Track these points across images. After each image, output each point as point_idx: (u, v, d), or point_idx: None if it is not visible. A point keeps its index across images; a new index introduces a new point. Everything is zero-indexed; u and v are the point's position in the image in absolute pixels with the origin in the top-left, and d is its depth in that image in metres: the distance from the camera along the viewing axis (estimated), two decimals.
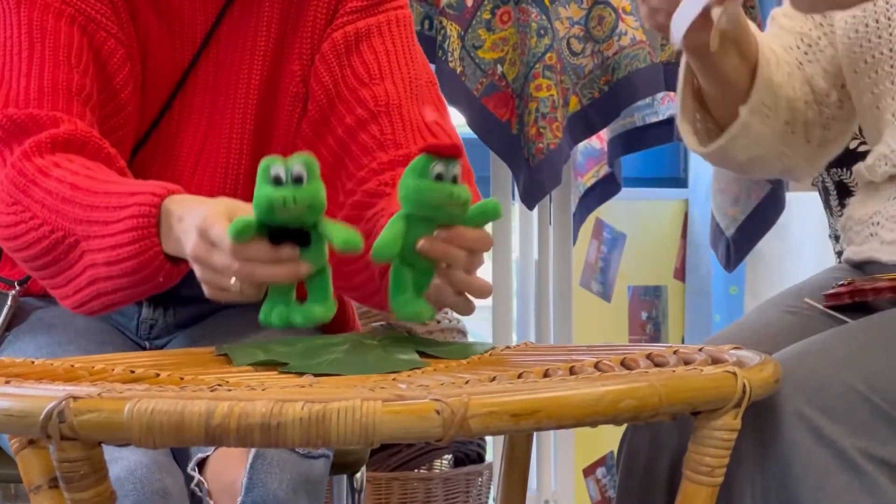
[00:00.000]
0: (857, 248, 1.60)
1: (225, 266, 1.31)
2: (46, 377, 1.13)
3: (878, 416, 1.22)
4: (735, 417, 1.09)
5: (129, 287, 1.45)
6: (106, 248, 1.43)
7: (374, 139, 1.63)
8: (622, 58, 2.52)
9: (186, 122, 1.64)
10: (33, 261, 1.51)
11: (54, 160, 1.49)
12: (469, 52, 2.43)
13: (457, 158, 1.33)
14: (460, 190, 1.31)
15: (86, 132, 1.52)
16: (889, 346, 1.27)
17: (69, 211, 1.46)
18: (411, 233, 1.33)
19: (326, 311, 1.33)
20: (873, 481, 1.20)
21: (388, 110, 1.65)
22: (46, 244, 1.48)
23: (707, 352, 1.19)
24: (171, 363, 1.27)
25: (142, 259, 1.41)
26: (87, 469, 1.02)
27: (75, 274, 1.48)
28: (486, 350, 1.39)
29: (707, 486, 1.12)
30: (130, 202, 1.41)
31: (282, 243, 1.30)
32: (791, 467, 1.22)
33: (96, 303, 1.49)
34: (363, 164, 1.63)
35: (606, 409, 1.00)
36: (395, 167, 1.60)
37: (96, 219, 1.44)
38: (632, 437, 1.46)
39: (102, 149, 1.53)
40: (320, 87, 1.66)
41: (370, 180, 1.61)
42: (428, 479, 2.68)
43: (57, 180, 1.47)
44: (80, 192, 1.46)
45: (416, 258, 1.34)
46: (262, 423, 0.93)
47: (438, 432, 0.94)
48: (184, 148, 1.64)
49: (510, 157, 2.49)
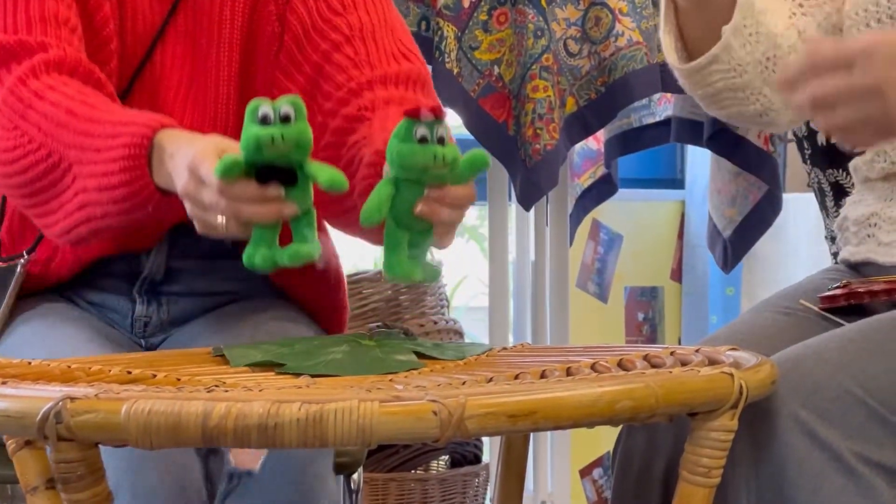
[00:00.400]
0: (853, 249, 1.60)
1: (212, 203, 1.34)
2: (43, 378, 1.13)
3: (873, 419, 1.22)
4: (732, 418, 1.09)
5: (118, 214, 1.47)
6: (98, 175, 1.45)
7: (348, 59, 1.67)
8: (619, 59, 2.52)
9: (170, 67, 1.66)
10: (29, 185, 1.53)
11: (49, 83, 1.52)
12: (466, 54, 2.43)
13: (440, 119, 1.33)
14: (446, 150, 1.31)
15: (75, 56, 1.55)
16: (885, 349, 1.27)
17: (64, 135, 1.48)
18: (404, 195, 1.33)
19: (312, 251, 1.34)
20: (869, 484, 1.20)
21: (363, 35, 1.69)
22: (44, 167, 1.50)
23: (704, 353, 1.19)
24: (168, 364, 1.27)
25: (132, 188, 1.43)
26: (84, 470, 1.02)
27: (67, 199, 1.50)
28: (483, 351, 1.39)
29: (704, 487, 1.12)
30: (123, 132, 1.44)
31: (268, 183, 1.32)
32: (786, 470, 1.22)
33: (84, 228, 1.50)
34: (340, 84, 1.66)
35: (603, 410, 1.00)
36: (374, 87, 1.64)
37: (89, 145, 1.46)
38: (627, 438, 1.46)
39: (93, 73, 1.56)
40: (296, 19, 1.70)
41: (349, 102, 1.64)
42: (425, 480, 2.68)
43: (52, 104, 1.50)
44: (74, 118, 1.48)
45: (412, 220, 1.34)
46: (259, 423, 0.93)
47: (435, 433, 0.94)
48: (170, 93, 1.66)
49: (507, 158, 2.49)
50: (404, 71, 1.68)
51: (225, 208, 1.33)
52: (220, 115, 1.67)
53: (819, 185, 2.38)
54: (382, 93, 1.65)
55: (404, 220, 1.34)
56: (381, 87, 1.66)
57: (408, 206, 1.33)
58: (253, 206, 1.33)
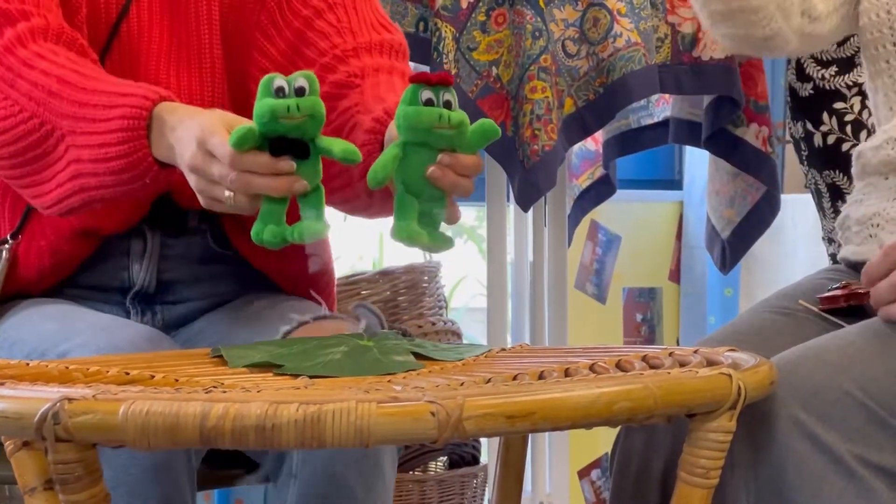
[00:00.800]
0: (855, 249, 1.60)
1: (221, 176, 1.33)
2: (41, 379, 1.13)
3: (873, 421, 1.22)
4: (730, 419, 1.09)
5: (114, 185, 1.46)
6: (93, 146, 1.45)
7: (331, 26, 1.68)
8: (617, 60, 2.52)
9: (148, 23, 1.65)
10: (20, 155, 1.52)
11: (37, 51, 1.51)
12: (464, 54, 2.43)
13: (446, 85, 1.33)
14: (451, 113, 1.32)
15: (58, 23, 1.54)
16: (885, 352, 1.27)
17: (56, 105, 1.47)
18: (414, 160, 1.34)
19: (322, 228, 1.35)
20: (869, 487, 1.20)
21: (343, 3, 1.69)
22: (36, 137, 1.50)
23: (702, 354, 1.19)
24: (166, 365, 1.27)
25: (130, 160, 1.42)
26: (82, 471, 1.02)
27: (59, 169, 1.50)
28: (482, 352, 1.39)
29: (702, 489, 1.12)
30: (121, 102, 1.43)
31: (281, 156, 1.32)
32: (786, 473, 1.21)
33: (76, 198, 1.50)
34: (324, 50, 1.66)
35: (601, 411, 1.00)
36: (360, 55, 1.65)
37: (83, 115, 1.46)
38: (625, 439, 1.45)
39: (76, 39, 1.55)
40: None
41: (336, 69, 1.64)
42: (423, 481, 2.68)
43: (42, 73, 1.49)
44: (67, 87, 1.47)
45: (423, 186, 1.35)
46: (256, 424, 0.93)
47: (433, 434, 0.94)
48: (153, 47, 1.65)
49: (505, 159, 2.49)
50: (387, 40, 1.68)
51: (234, 181, 1.33)
52: (205, 64, 1.66)
53: (816, 187, 2.38)
54: (369, 60, 1.64)
55: (414, 186, 1.34)
56: (367, 55, 1.65)
57: (418, 172, 1.34)
58: (264, 179, 1.33)
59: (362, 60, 1.64)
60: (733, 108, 2.64)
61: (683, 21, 2.62)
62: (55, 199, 1.51)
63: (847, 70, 2.32)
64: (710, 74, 2.61)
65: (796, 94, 2.38)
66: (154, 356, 1.36)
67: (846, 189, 2.30)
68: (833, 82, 2.33)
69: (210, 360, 1.32)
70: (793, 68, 2.40)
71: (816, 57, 2.35)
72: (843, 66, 2.33)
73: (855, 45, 2.31)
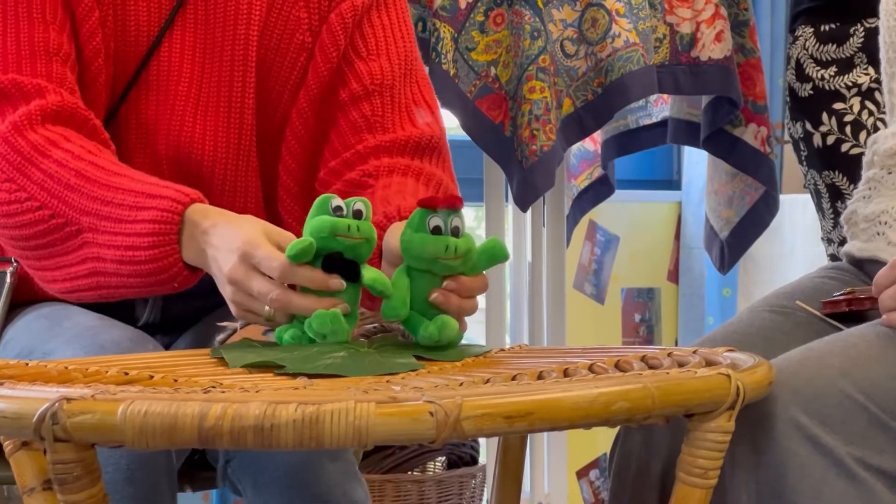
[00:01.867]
0: (861, 245, 1.59)
1: (261, 293, 1.32)
2: (40, 379, 1.13)
3: (874, 424, 1.22)
4: (729, 419, 1.09)
5: (138, 287, 1.45)
6: (120, 247, 1.42)
7: (364, 118, 1.65)
8: (616, 60, 2.52)
9: (179, 57, 1.62)
10: (23, 241, 1.50)
11: (49, 137, 1.48)
12: (462, 54, 2.43)
13: (454, 209, 1.33)
14: (459, 242, 1.32)
15: (72, 104, 1.52)
16: (886, 355, 1.27)
17: (74, 199, 1.45)
18: (418, 284, 1.34)
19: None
20: (869, 489, 1.20)
21: (381, 90, 1.66)
22: (43, 228, 1.47)
23: (701, 354, 1.19)
24: (164, 365, 1.27)
25: (160, 264, 1.41)
26: (81, 471, 1.01)
27: (70, 262, 1.47)
28: (481, 352, 1.39)
29: (700, 489, 1.12)
30: (150, 204, 1.41)
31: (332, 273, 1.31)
32: (787, 476, 1.21)
33: (91, 294, 1.48)
34: (350, 144, 1.64)
35: (600, 411, 1.00)
36: (380, 155, 1.62)
37: (108, 214, 1.43)
38: (624, 439, 1.45)
39: (88, 120, 1.52)
40: (325, 60, 1.66)
41: (355, 167, 1.62)
42: (421, 482, 2.68)
43: (58, 164, 1.46)
44: (86, 182, 1.45)
45: (428, 307, 1.35)
46: (255, 425, 0.93)
47: (432, 434, 0.94)
48: (182, 83, 1.62)
49: (503, 159, 2.49)
50: (414, 137, 1.65)
51: (275, 299, 1.31)
52: (234, 104, 1.64)
53: (815, 187, 2.38)
54: (388, 160, 1.63)
55: (419, 306, 1.35)
56: (387, 156, 1.63)
57: (422, 295, 1.34)
58: (305, 300, 1.32)
59: (381, 161, 1.62)
60: (732, 109, 2.64)
61: (682, 21, 2.62)
62: (66, 289, 1.50)
63: (847, 70, 2.32)
64: (708, 74, 2.61)
65: (795, 95, 2.38)
66: (153, 356, 1.36)
67: (846, 190, 2.30)
68: (833, 83, 2.33)
69: (209, 361, 1.32)
70: (792, 68, 2.40)
71: (816, 57, 2.35)
72: (842, 66, 2.33)
73: (855, 45, 2.31)
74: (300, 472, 1.41)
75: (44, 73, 1.52)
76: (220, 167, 1.64)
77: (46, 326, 1.51)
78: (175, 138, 1.61)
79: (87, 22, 1.57)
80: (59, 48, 1.54)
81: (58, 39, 1.54)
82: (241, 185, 1.66)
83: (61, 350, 1.42)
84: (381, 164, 1.62)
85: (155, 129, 1.61)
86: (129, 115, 1.61)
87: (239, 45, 1.63)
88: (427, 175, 1.62)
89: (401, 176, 1.61)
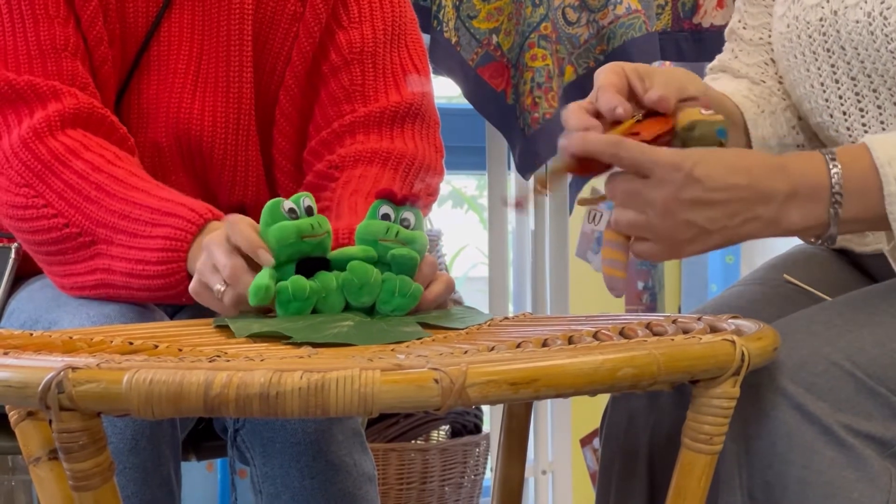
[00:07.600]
0: None
1: (223, 263, 1.34)
2: (45, 348, 1.13)
3: (862, 391, 1.21)
4: (734, 385, 1.09)
5: (145, 299, 1.47)
6: (131, 260, 1.44)
7: (342, 89, 1.66)
8: (618, 27, 2.51)
9: (178, 37, 1.63)
10: (36, 245, 1.51)
11: (69, 145, 1.49)
12: (464, 22, 2.42)
13: (407, 205, 1.37)
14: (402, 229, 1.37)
15: (88, 104, 1.52)
16: (872, 322, 1.27)
17: (92, 211, 1.46)
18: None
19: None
20: (859, 456, 1.20)
21: (361, 58, 1.67)
22: (56, 235, 1.48)
23: (706, 321, 1.19)
24: (169, 335, 1.27)
25: (169, 280, 1.43)
26: (87, 440, 1.01)
27: (79, 271, 1.48)
28: (485, 320, 1.39)
29: (706, 455, 1.12)
30: (165, 221, 1.43)
31: (311, 276, 1.34)
32: (776, 445, 1.21)
33: (95, 292, 1.49)
34: (330, 117, 1.66)
35: (605, 378, 1.00)
36: (355, 132, 1.64)
37: (124, 228, 1.45)
38: (611, 412, 1.46)
39: (105, 119, 1.53)
40: (307, 35, 1.67)
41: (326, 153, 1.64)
42: (425, 450, 2.69)
43: (78, 175, 1.47)
44: (105, 196, 1.46)
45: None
46: (260, 392, 0.93)
47: (437, 401, 0.94)
48: (181, 61, 1.63)
49: (506, 127, 2.49)
50: (392, 106, 1.66)
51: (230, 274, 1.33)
52: (232, 80, 1.65)
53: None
54: (358, 145, 1.64)
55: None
56: (362, 132, 1.65)
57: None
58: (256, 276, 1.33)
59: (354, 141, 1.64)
60: None
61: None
62: (72, 290, 1.51)
63: None
64: (710, 41, 2.61)
65: None
66: (157, 326, 1.36)
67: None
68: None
69: (213, 331, 1.32)
70: None
71: None
72: None
73: None
74: (309, 440, 1.42)
75: (56, 72, 1.53)
76: (220, 142, 1.64)
77: (51, 296, 1.51)
78: (174, 115, 1.62)
79: (86, 10, 1.57)
80: (67, 42, 1.54)
81: (64, 33, 1.54)
82: (241, 159, 1.67)
83: (66, 320, 1.42)
84: (349, 152, 1.63)
85: (156, 108, 1.62)
86: (130, 98, 1.62)
87: (234, 18, 1.64)
88: (396, 157, 1.63)
89: (365, 166, 1.62)
